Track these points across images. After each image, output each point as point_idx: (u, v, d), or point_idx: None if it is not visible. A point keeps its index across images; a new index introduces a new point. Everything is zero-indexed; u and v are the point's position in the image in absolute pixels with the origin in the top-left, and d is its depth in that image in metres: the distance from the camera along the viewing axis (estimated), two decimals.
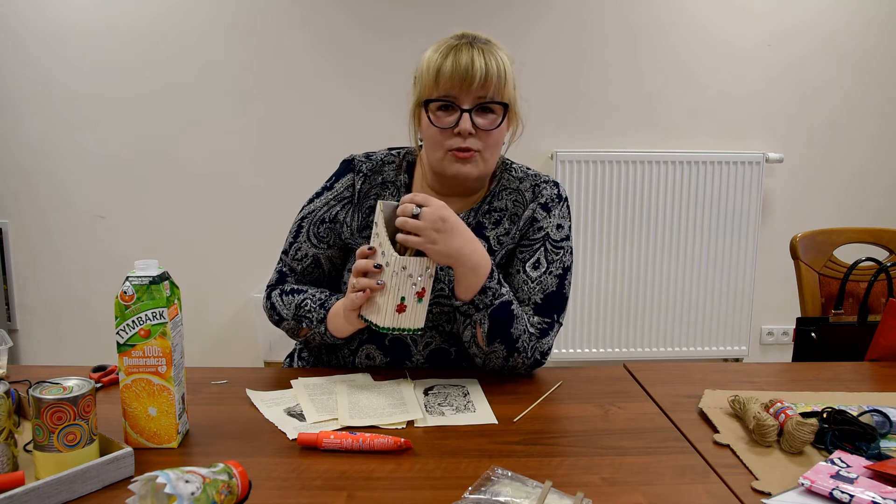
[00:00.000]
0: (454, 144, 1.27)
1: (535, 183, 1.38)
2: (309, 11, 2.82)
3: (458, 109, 1.26)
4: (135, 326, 1.00)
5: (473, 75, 1.23)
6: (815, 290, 1.85)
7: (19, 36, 2.78)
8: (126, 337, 1.00)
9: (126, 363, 1.01)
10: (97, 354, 2.33)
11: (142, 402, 1.02)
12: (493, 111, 1.28)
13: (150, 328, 1.00)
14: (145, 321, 1.00)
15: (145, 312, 0.99)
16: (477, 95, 1.26)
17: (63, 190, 2.89)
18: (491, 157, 1.31)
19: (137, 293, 0.99)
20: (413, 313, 1.17)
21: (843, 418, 1.07)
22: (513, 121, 1.34)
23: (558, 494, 0.90)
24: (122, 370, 1.01)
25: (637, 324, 3.03)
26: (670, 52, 2.93)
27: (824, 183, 3.06)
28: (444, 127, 1.27)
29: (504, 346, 1.25)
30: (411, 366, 1.34)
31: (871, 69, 2.98)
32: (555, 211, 1.36)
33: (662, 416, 1.17)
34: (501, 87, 1.26)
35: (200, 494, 0.79)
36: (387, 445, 1.02)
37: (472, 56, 1.24)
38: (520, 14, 2.86)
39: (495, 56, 1.26)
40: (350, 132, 2.87)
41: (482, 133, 1.27)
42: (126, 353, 1.01)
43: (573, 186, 2.90)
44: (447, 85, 1.25)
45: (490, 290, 1.23)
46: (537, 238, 1.35)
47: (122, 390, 1.02)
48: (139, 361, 1.01)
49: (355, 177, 1.38)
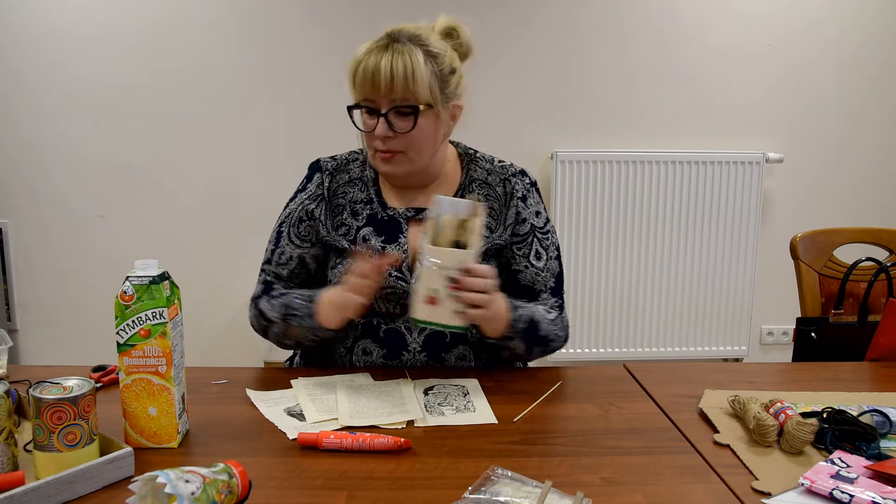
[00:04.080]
0: (378, 146, 1.30)
1: (504, 177, 1.41)
2: (310, 11, 2.82)
3: (377, 112, 1.28)
4: (135, 326, 1.00)
5: (380, 80, 1.24)
6: (815, 290, 1.85)
7: (19, 36, 2.77)
8: (126, 337, 1.00)
9: (126, 363, 1.01)
10: (97, 354, 2.32)
11: (142, 402, 1.02)
12: (410, 113, 1.28)
13: (150, 328, 1.00)
14: (145, 321, 0.99)
15: (145, 312, 0.99)
16: (389, 98, 1.26)
17: (63, 190, 2.89)
18: (418, 156, 1.32)
19: (137, 293, 0.99)
20: (447, 309, 1.17)
21: (843, 418, 1.07)
22: (442, 116, 1.32)
23: (558, 494, 0.90)
24: (122, 370, 1.01)
25: (637, 324, 3.03)
26: (670, 53, 2.93)
27: (824, 183, 3.06)
28: (367, 130, 1.30)
29: (540, 346, 1.36)
30: (409, 355, 1.35)
31: (872, 69, 2.98)
32: (530, 200, 1.41)
33: (662, 416, 1.17)
34: (410, 88, 1.25)
35: (200, 494, 0.79)
36: (387, 445, 1.02)
37: (380, 59, 1.24)
38: (520, 13, 2.86)
39: (405, 56, 1.24)
40: (350, 132, 2.86)
41: (401, 134, 1.28)
42: (126, 352, 1.01)
43: (573, 186, 2.90)
44: (362, 89, 1.27)
45: (515, 320, 1.29)
46: (527, 231, 1.40)
47: (123, 390, 1.02)
48: (139, 361, 1.01)
49: (323, 175, 1.42)
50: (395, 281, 1.33)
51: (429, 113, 1.28)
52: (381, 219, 1.38)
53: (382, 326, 1.35)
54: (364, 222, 1.38)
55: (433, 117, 1.30)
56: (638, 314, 3.02)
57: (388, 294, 1.34)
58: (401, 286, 1.33)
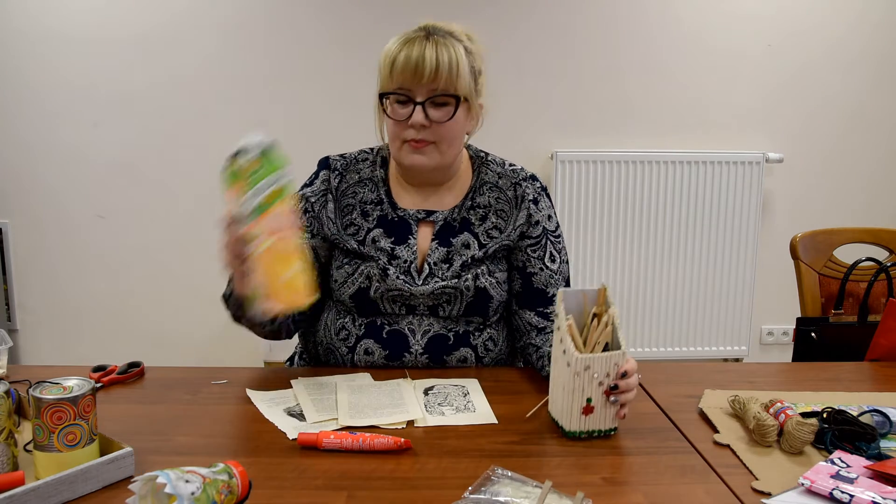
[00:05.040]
0: (409, 135, 1.30)
1: (515, 181, 1.42)
2: (312, 11, 2.82)
3: (412, 102, 1.28)
4: (265, 189, 1.01)
5: (423, 69, 1.25)
6: (815, 290, 1.85)
7: (19, 38, 2.77)
8: (256, 202, 1.01)
9: (260, 228, 1.02)
10: (97, 354, 2.32)
11: (281, 264, 1.03)
12: (446, 104, 1.30)
13: (278, 191, 1.02)
14: (273, 183, 1.02)
15: (273, 175, 1.02)
16: (429, 88, 1.28)
17: (63, 190, 2.89)
18: (448, 149, 1.33)
19: (259, 159, 1.01)
20: (603, 413, 1.08)
21: (843, 418, 1.07)
22: (472, 112, 1.36)
23: (558, 494, 0.90)
24: (256, 237, 1.02)
25: (637, 324, 3.03)
26: (671, 53, 2.92)
27: (824, 183, 3.06)
28: (400, 119, 1.30)
29: None
30: (411, 357, 1.35)
31: (872, 69, 2.98)
32: (541, 203, 1.42)
33: (662, 416, 1.17)
34: (454, 79, 1.28)
35: (200, 494, 0.79)
36: (387, 445, 1.02)
37: (424, 49, 1.26)
38: (520, 12, 2.86)
39: (449, 48, 1.28)
40: (351, 133, 2.86)
41: (436, 125, 1.30)
42: (263, 214, 1.02)
43: (573, 186, 2.90)
44: (400, 78, 1.28)
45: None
46: (539, 234, 1.40)
47: (263, 255, 1.02)
48: (278, 221, 1.03)
49: (331, 173, 1.42)
50: (402, 283, 1.33)
51: (464, 106, 1.31)
52: (392, 220, 1.38)
53: (386, 327, 1.35)
54: (375, 223, 1.38)
55: (466, 111, 1.33)
56: (638, 314, 3.02)
57: (395, 296, 1.34)
58: (407, 289, 1.33)
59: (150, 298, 2.97)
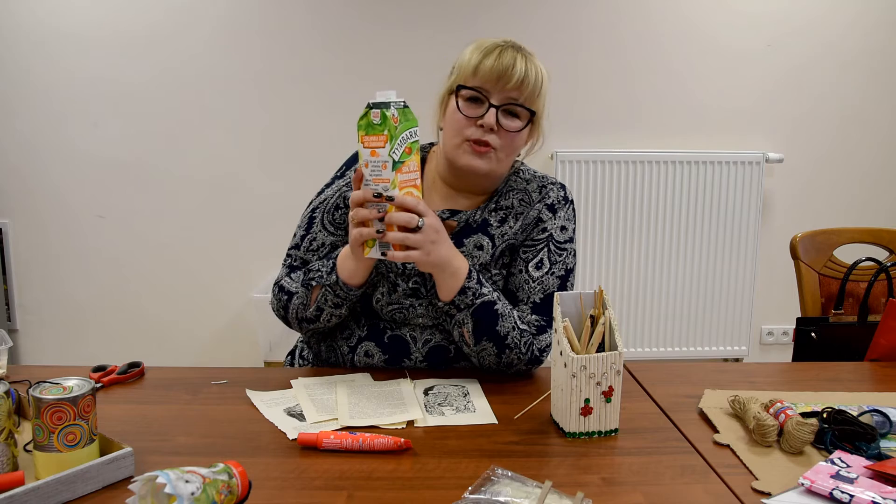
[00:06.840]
0: (474, 135, 1.29)
1: (542, 184, 1.40)
2: (312, 10, 2.82)
3: (486, 103, 1.28)
4: (402, 144, 1.11)
5: (511, 75, 1.27)
6: (815, 290, 1.85)
7: (19, 37, 2.77)
8: (398, 155, 1.10)
9: (399, 179, 1.12)
10: (97, 354, 2.33)
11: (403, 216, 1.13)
12: (519, 116, 1.30)
13: (411, 145, 1.12)
14: (408, 139, 1.12)
15: (408, 131, 1.12)
16: (509, 96, 1.29)
17: (63, 190, 2.89)
18: (506, 158, 1.33)
19: (399, 115, 1.10)
20: (602, 414, 1.09)
21: (843, 418, 1.07)
22: (535, 132, 1.37)
23: (558, 494, 0.90)
24: (395, 186, 1.11)
25: (637, 324, 3.03)
26: (671, 53, 2.93)
27: (824, 183, 3.06)
28: (470, 116, 1.29)
29: (493, 343, 1.26)
30: (410, 364, 1.35)
31: (872, 69, 2.98)
32: (560, 213, 1.38)
33: (662, 416, 1.17)
34: (535, 95, 1.30)
35: (200, 494, 0.79)
36: (387, 445, 1.02)
37: (516, 58, 1.28)
38: (520, 12, 2.86)
39: (537, 66, 1.31)
40: (351, 133, 2.86)
41: (503, 133, 1.29)
42: (398, 170, 1.11)
43: (573, 186, 2.90)
44: (484, 77, 1.28)
45: (469, 289, 1.24)
46: (541, 239, 1.36)
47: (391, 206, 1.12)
48: (407, 177, 1.13)
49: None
50: (408, 305, 1.33)
51: (533, 123, 1.33)
52: None
53: (388, 332, 1.34)
54: None
55: (530, 129, 1.34)
56: (638, 314, 3.02)
57: (395, 309, 1.33)
58: (411, 311, 1.33)
59: (150, 298, 2.98)
